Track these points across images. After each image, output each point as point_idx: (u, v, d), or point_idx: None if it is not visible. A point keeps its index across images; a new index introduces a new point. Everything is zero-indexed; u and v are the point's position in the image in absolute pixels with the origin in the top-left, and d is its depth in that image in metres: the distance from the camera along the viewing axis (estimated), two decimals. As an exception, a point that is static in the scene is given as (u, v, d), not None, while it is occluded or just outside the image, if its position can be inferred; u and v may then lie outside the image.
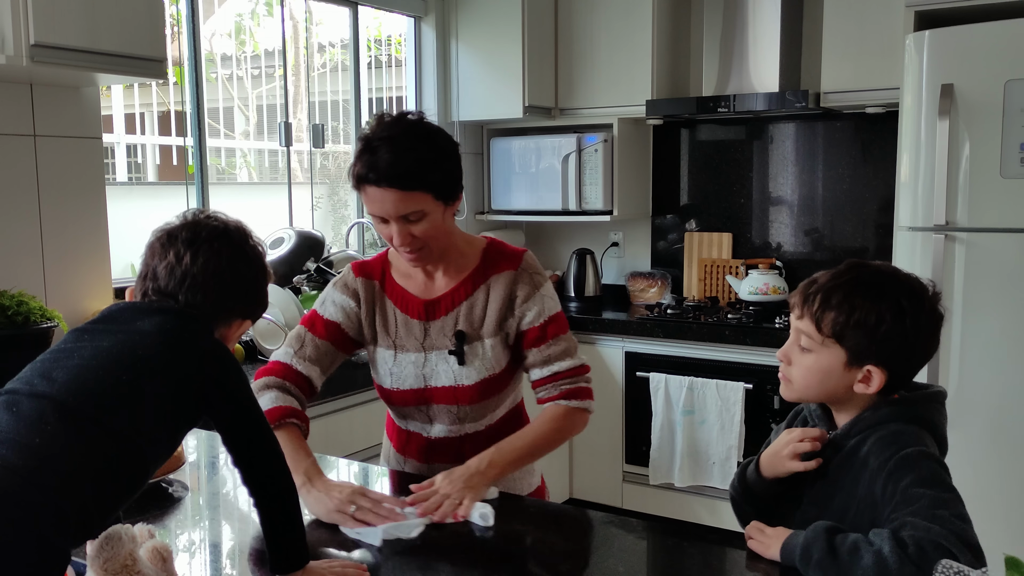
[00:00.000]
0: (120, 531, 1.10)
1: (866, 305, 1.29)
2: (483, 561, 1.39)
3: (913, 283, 1.32)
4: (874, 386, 1.31)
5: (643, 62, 3.81)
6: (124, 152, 3.73)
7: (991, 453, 2.78)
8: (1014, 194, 2.72)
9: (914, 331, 1.29)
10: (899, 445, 1.27)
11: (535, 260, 1.79)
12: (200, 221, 1.30)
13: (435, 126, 1.68)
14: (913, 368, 1.35)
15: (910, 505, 1.20)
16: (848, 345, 1.30)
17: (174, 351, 1.18)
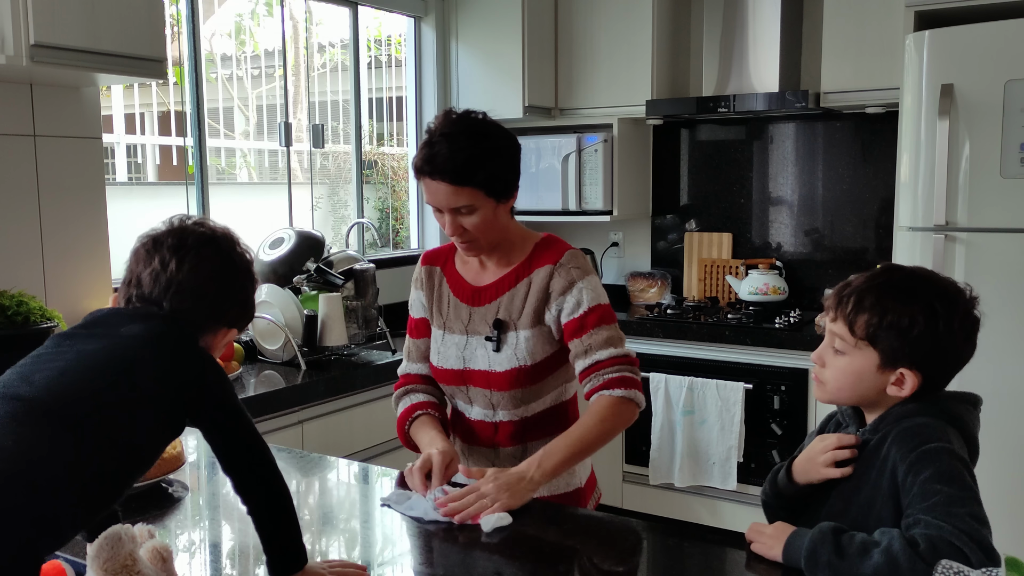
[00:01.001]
0: (120, 531, 1.10)
1: (898, 307, 1.29)
2: (483, 561, 1.39)
3: (948, 286, 1.32)
4: (907, 389, 1.31)
5: (643, 62, 3.81)
6: (124, 152, 3.73)
7: (991, 453, 2.78)
8: (1014, 194, 2.72)
9: (947, 334, 1.28)
10: (922, 438, 1.27)
11: (579, 256, 1.79)
12: (187, 227, 1.27)
13: (497, 126, 1.72)
14: (948, 372, 1.34)
15: (926, 500, 1.20)
16: (881, 347, 1.30)
17: (166, 357, 1.17)
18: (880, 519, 1.26)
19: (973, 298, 1.33)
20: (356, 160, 3.88)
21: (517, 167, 1.74)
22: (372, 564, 1.38)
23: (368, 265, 3.14)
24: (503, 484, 1.54)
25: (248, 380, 2.62)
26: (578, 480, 1.86)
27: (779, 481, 1.45)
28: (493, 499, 1.51)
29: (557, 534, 1.49)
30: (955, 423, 1.31)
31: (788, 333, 3.37)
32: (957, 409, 1.33)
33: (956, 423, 1.31)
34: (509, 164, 1.72)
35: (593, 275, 1.78)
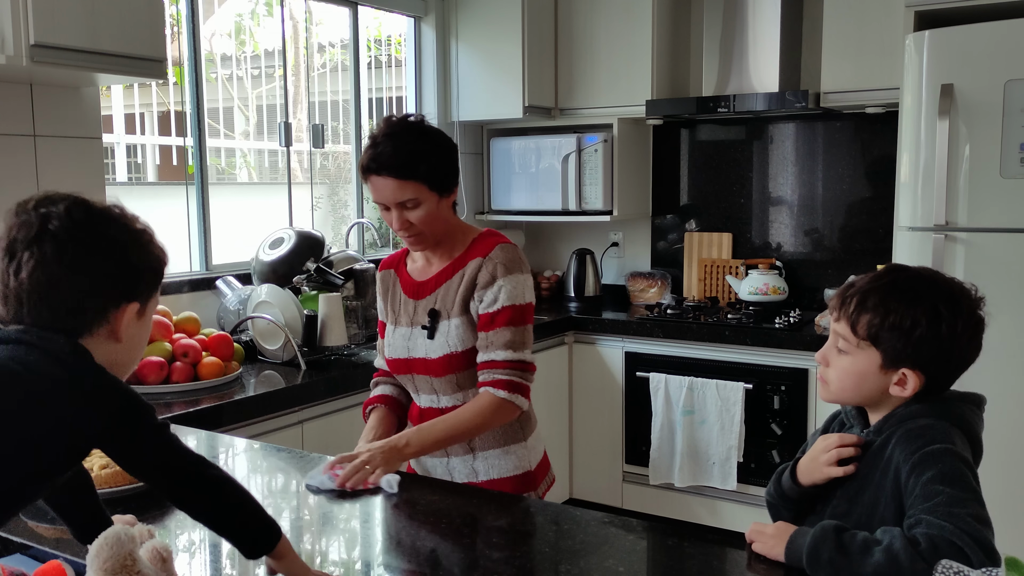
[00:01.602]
0: (120, 532, 1.10)
1: (901, 308, 1.29)
2: (483, 561, 1.39)
3: (953, 287, 1.32)
4: (909, 389, 1.31)
5: (643, 62, 3.81)
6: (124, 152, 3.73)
7: (991, 453, 2.78)
8: (1014, 194, 2.72)
9: (950, 336, 1.29)
10: (926, 440, 1.27)
11: (512, 252, 1.86)
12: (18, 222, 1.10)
13: (434, 127, 1.87)
14: (952, 373, 1.34)
15: (928, 501, 1.20)
16: (883, 348, 1.31)
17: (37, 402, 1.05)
18: (884, 520, 1.27)
19: (979, 299, 1.34)
20: (356, 160, 3.88)
21: (456, 164, 1.87)
22: (372, 564, 1.38)
23: (368, 265, 3.14)
24: (378, 454, 1.73)
25: (248, 380, 2.62)
26: (527, 464, 1.96)
27: (783, 482, 1.45)
28: (373, 467, 1.70)
29: (557, 534, 1.49)
30: (959, 424, 1.31)
31: (788, 333, 3.37)
32: (961, 410, 1.33)
33: (960, 424, 1.31)
34: (448, 159, 1.84)
35: (518, 273, 1.84)
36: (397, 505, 1.65)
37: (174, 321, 2.65)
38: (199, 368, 2.52)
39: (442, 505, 1.64)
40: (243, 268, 3.21)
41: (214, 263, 3.20)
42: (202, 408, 2.28)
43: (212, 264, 3.20)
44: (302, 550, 1.43)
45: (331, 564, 1.39)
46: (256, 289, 2.94)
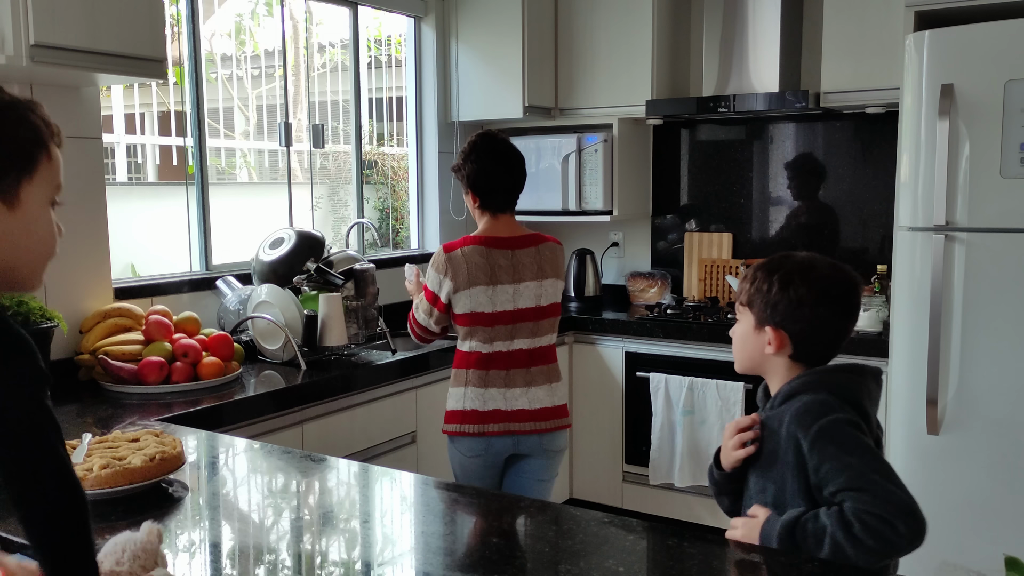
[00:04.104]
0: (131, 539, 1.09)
1: (763, 276, 1.53)
2: (483, 561, 1.39)
3: (817, 263, 1.52)
4: (774, 347, 1.52)
5: (643, 62, 3.81)
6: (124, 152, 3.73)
7: (992, 453, 2.78)
8: (1014, 194, 2.71)
9: (799, 299, 1.49)
10: (813, 416, 1.43)
11: (437, 249, 2.53)
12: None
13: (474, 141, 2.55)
14: (814, 337, 1.52)
15: (842, 474, 1.36)
16: (754, 311, 1.54)
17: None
18: (794, 493, 1.42)
19: (847, 280, 1.53)
20: (356, 160, 3.88)
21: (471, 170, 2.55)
22: (372, 564, 1.39)
23: (368, 265, 3.14)
24: None
25: (248, 380, 2.62)
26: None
27: (712, 473, 1.65)
28: None
29: (557, 534, 1.49)
30: (838, 392, 1.46)
31: (788, 333, 3.36)
32: (838, 378, 1.49)
33: (838, 392, 1.46)
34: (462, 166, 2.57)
35: (429, 266, 2.52)
36: (397, 505, 1.65)
37: (174, 321, 2.66)
38: (199, 368, 2.52)
39: (442, 505, 1.64)
40: (243, 268, 3.21)
41: (214, 263, 3.20)
42: (202, 408, 2.28)
43: (212, 264, 3.20)
44: (302, 550, 1.43)
45: (331, 564, 1.39)
46: (256, 289, 2.94)
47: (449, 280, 2.46)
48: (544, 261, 2.55)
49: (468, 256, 2.47)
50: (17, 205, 1.03)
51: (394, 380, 2.90)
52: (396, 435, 2.91)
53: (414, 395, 2.98)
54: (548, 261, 2.56)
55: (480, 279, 2.45)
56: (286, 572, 1.36)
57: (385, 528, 1.54)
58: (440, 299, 2.49)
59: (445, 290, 2.47)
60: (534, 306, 2.52)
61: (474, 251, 2.47)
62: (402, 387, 2.93)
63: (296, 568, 1.37)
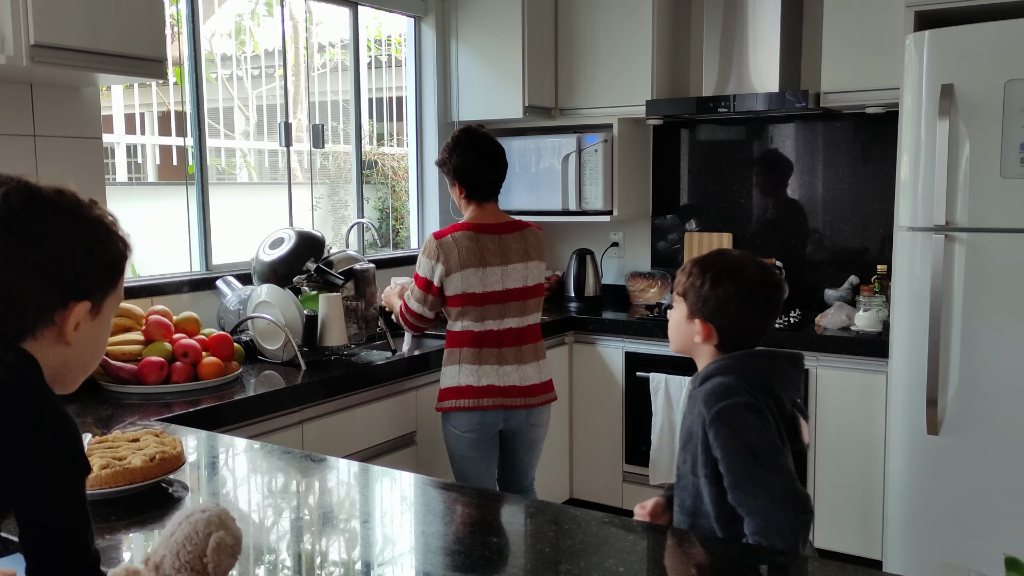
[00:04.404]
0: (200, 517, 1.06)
1: (698, 272, 1.67)
2: (483, 561, 1.39)
3: (746, 264, 1.66)
4: (702, 337, 1.66)
5: (643, 62, 3.81)
6: (124, 152, 3.73)
7: (992, 453, 2.78)
8: (1014, 194, 2.71)
9: (726, 296, 1.63)
10: (717, 398, 1.57)
11: (427, 240, 2.68)
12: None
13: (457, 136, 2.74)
14: (739, 330, 1.65)
15: (728, 457, 1.53)
16: (688, 303, 1.68)
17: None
18: (703, 463, 1.58)
19: (769, 279, 1.67)
20: (356, 160, 3.88)
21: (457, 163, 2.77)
22: (372, 564, 1.39)
23: (368, 265, 3.14)
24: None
25: (248, 380, 2.62)
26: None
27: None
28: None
29: (557, 534, 1.49)
30: (748, 376, 1.60)
31: (788, 333, 3.37)
32: (750, 363, 1.63)
33: (749, 376, 1.60)
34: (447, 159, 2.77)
35: (421, 253, 2.69)
36: (397, 505, 1.65)
37: (174, 321, 2.65)
38: (199, 368, 2.52)
39: (442, 505, 1.64)
40: (243, 268, 3.21)
41: (214, 263, 3.20)
42: (202, 408, 2.28)
43: (212, 264, 3.20)
44: (302, 550, 1.43)
45: (331, 564, 1.39)
46: (256, 289, 2.94)
47: (441, 264, 2.63)
48: (529, 245, 2.77)
49: (458, 241, 2.66)
50: (99, 314, 1.06)
51: (394, 380, 2.90)
52: (396, 435, 2.91)
53: (414, 395, 2.98)
54: (532, 245, 2.78)
55: (471, 261, 2.64)
56: (286, 572, 1.36)
57: (385, 528, 1.54)
58: (433, 283, 2.66)
59: (438, 274, 2.64)
60: (521, 286, 2.72)
61: (464, 236, 2.67)
62: (402, 387, 2.93)
63: (296, 568, 1.37)
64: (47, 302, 1.00)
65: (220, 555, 1.03)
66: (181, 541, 1.03)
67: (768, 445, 1.52)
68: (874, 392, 3.20)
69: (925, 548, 2.92)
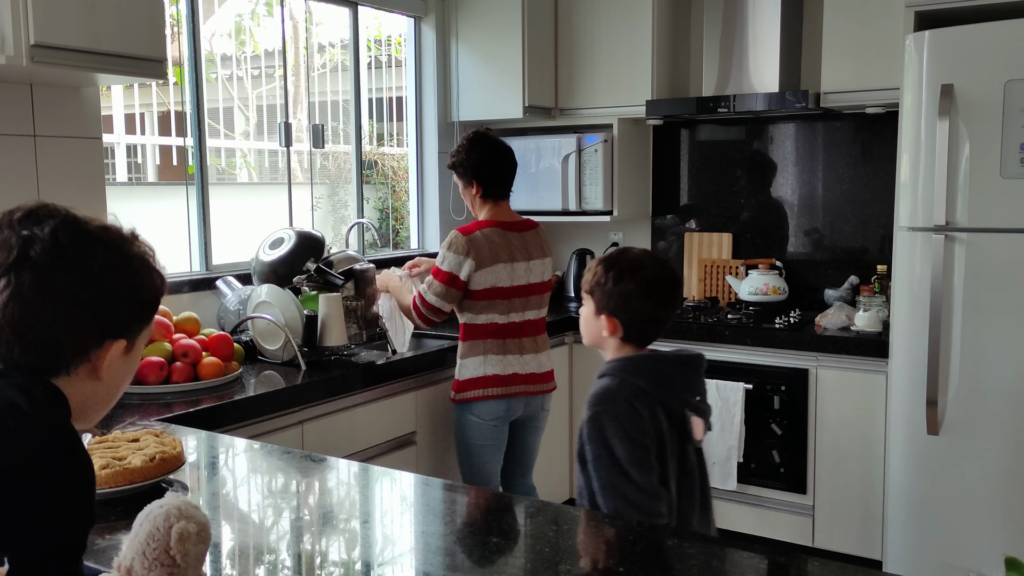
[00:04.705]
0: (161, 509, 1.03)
1: (603, 270, 1.79)
2: (483, 561, 1.39)
3: (645, 262, 1.78)
4: (608, 331, 1.79)
5: (643, 62, 3.81)
6: (124, 152, 3.73)
7: (992, 453, 2.78)
8: (1014, 194, 2.72)
9: (627, 293, 1.75)
10: (594, 400, 1.72)
11: (452, 234, 2.79)
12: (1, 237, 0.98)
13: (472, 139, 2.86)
14: (642, 324, 1.79)
15: (595, 462, 1.69)
16: (595, 300, 1.80)
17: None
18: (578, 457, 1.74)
19: (667, 274, 1.80)
20: (356, 160, 3.88)
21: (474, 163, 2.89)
22: (372, 564, 1.39)
23: (368, 265, 3.14)
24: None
25: (248, 380, 2.62)
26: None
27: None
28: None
29: (557, 534, 1.49)
30: (635, 381, 1.73)
31: (788, 333, 3.37)
32: (639, 367, 1.76)
33: (636, 380, 1.73)
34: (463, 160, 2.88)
35: (443, 248, 2.78)
36: (397, 505, 1.65)
37: (174, 321, 2.65)
38: (199, 368, 2.52)
39: (442, 505, 1.64)
40: (243, 268, 3.21)
41: (214, 263, 3.20)
42: (202, 408, 2.28)
43: (212, 264, 3.20)
44: (302, 550, 1.43)
45: (331, 564, 1.39)
46: (256, 289, 2.94)
47: (471, 259, 2.73)
48: (543, 242, 2.94)
49: (488, 237, 2.77)
50: (132, 350, 1.05)
51: (394, 380, 2.90)
52: (396, 435, 2.91)
53: (414, 395, 2.98)
54: (545, 243, 2.95)
55: (501, 257, 2.77)
56: (286, 572, 1.36)
57: (385, 528, 1.54)
58: (459, 278, 2.75)
59: (466, 269, 2.74)
60: (539, 281, 2.88)
61: (493, 232, 2.79)
62: (402, 387, 2.93)
63: (296, 568, 1.37)
64: (86, 340, 0.99)
65: (185, 544, 1.00)
66: (144, 540, 1.01)
67: (631, 456, 1.66)
68: (874, 392, 3.20)
69: (925, 548, 2.92)
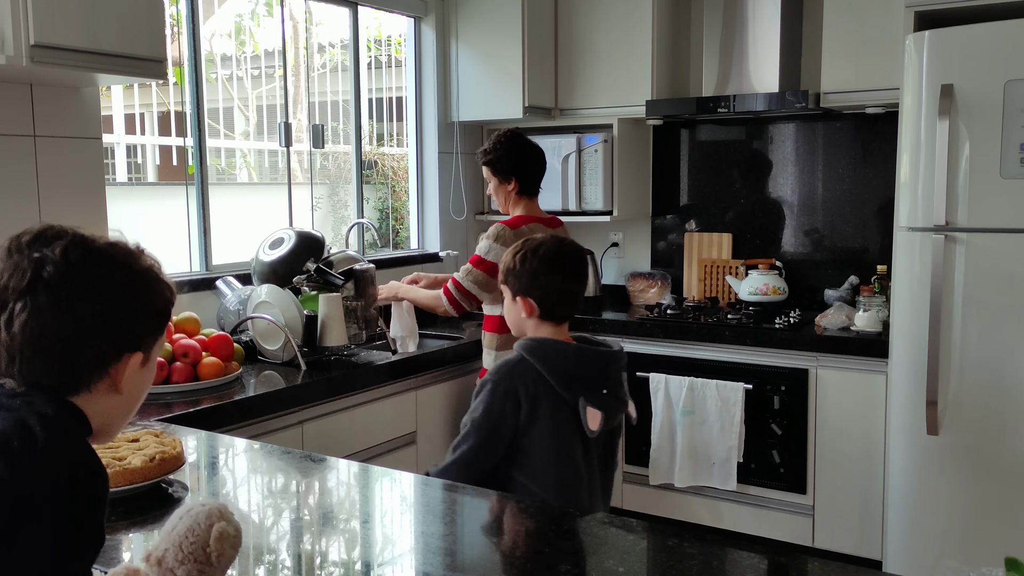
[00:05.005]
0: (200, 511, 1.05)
1: (511, 258, 1.96)
2: (483, 561, 1.39)
3: (545, 241, 1.93)
4: (526, 312, 1.93)
5: (643, 62, 3.81)
6: (124, 152, 3.73)
7: (992, 453, 2.78)
8: (1014, 194, 2.71)
9: (532, 271, 1.90)
10: (490, 372, 1.90)
11: (494, 227, 2.91)
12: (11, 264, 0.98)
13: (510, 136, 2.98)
14: (554, 296, 1.92)
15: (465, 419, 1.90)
16: (510, 286, 1.95)
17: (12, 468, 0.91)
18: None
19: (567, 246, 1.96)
20: (356, 160, 3.88)
21: (512, 160, 2.98)
22: (372, 564, 1.39)
23: (368, 265, 3.14)
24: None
25: (248, 380, 2.62)
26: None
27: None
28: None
29: (557, 534, 1.49)
30: (537, 357, 1.86)
31: (788, 333, 3.37)
32: (544, 348, 1.88)
33: (538, 358, 1.86)
34: (504, 156, 2.96)
35: (488, 239, 2.89)
36: (397, 505, 1.65)
37: (174, 321, 2.65)
38: (199, 368, 2.52)
39: (442, 505, 1.64)
40: (243, 268, 3.21)
41: (214, 263, 3.20)
42: (202, 408, 2.28)
43: (212, 264, 3.20)
44: (302, 550, 1.43)
45: (331, 564, 1.39)
46: (256, 289, 2.94)
47: None
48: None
49: (532, 231, 2.85)
50: (148, 361, 1.07)
51: (394, 380, 2.90)
52: (396, 435, 2.91)
53: (414, 395, 2.98)
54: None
55: None
56: (286, 572, 1.36)
57: (385, 528, 1.54)
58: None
59: None
60: None
61: (535, 227, 2.92)
62: (402, 387, 2.93)
63: (296, 568, 1.37)
64: (104, 356, 1.01)
65: (223, 544, 1.03)
66: (183, 533, 1.03)
67: (480, 426, 1.84)
68: (874, 392, 3.20)
69: (925, 548, 2.92)
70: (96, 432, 1.03)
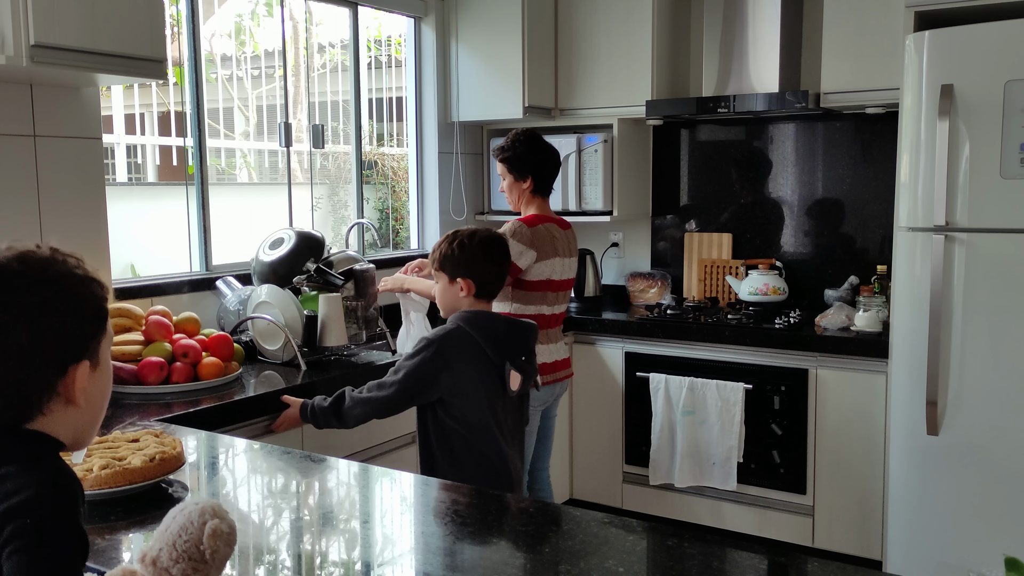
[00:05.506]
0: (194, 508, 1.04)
1: (447, 246, 2.23)
2: (483, 561, 1.39)
3: (477, 231, 2.23)
4: (466, 291, 2.21)
5: (643, 62, 3.81)
6: (124, 152, 3.73)
7: (992, 453, 2.78)
8: (1014, 194, 2.71)
9: (471, 256, 2.19)
10: (432, 335, 2.18)
11: (511, 223, 2.88)
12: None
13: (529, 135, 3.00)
14: (487, 274, 2.22)
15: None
16: (447, 271, 2.22)
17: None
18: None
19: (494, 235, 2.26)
20: (356, 160, 3.88)
21: (531, 159, 2.99)
22: (372, 564, 1.39)
23: (368, 265, 3.14)
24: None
25: (248, 380, 2.62)
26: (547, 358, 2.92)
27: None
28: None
29: (557, 534, 1.49)
30: (472, 327, 2.16)
31: (788, 333, 3.37)
32: (478, 319, 2.17)
33: (473, 327, 2.16)
34: (522, 155, 2.99)
35: (508, 236, 2.77)
36: (397, 505, 1.65)
37: (174, 321, 2.65)
38: (199, 368, 2.52)
39: (442, 505, 1.64)
40: (243, 268, 3.21)
41: (214, 263, 3.20)
42: (202, 408, 2.28)
43: (212, 264, 3.20)
44: (302, 550, 1.43)
45: (331, 564, 1.39)
46: (256, 289, 2.94)
47: (533, 250, 2.83)
48: (574, 241, 3.07)
49: (548, 230, 2.91)
50: (98, 365, 1.04)
51: (394, 380, 2.89)
52: (396, 435, 2.90)
53: (414, 395, 2.97)
54: (575, 241, 3.08)
55: (556, 251, 2.91)
56: (286, 572, 1.36)
57: (385, 528, 1.54)
58: (518, 266, 2.81)
59: (527, 258, 2.82)
60: (571, 278, 3.03)
61: (550, 227, 2.94)
62: (402, 387, 2.93)
63: (296, 568, 1.37)
64: (47, 377, 0.97)
65: (217, 541, 1.02)
66: (176, 532, 1.02)
67: (408, 375, 2.15)
68: (874, 392, 3.20)
69: (925, 548, 2.92)
70: (70, 444, 1.01)
